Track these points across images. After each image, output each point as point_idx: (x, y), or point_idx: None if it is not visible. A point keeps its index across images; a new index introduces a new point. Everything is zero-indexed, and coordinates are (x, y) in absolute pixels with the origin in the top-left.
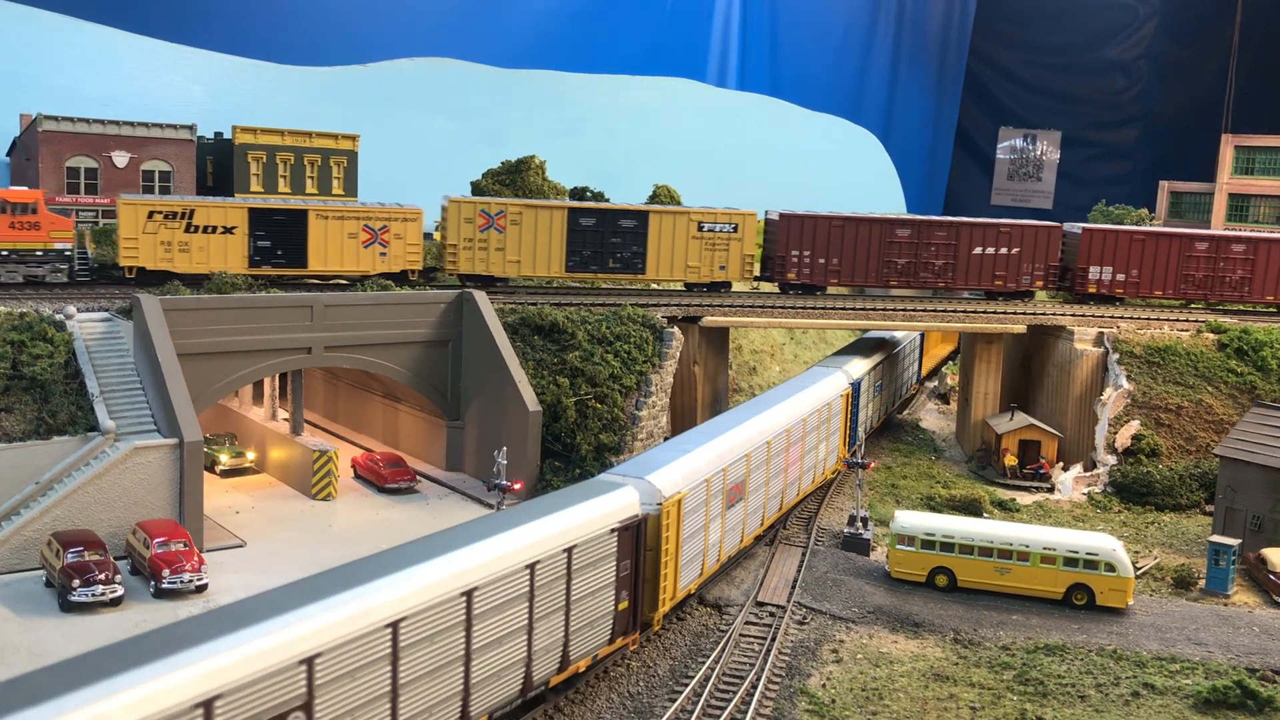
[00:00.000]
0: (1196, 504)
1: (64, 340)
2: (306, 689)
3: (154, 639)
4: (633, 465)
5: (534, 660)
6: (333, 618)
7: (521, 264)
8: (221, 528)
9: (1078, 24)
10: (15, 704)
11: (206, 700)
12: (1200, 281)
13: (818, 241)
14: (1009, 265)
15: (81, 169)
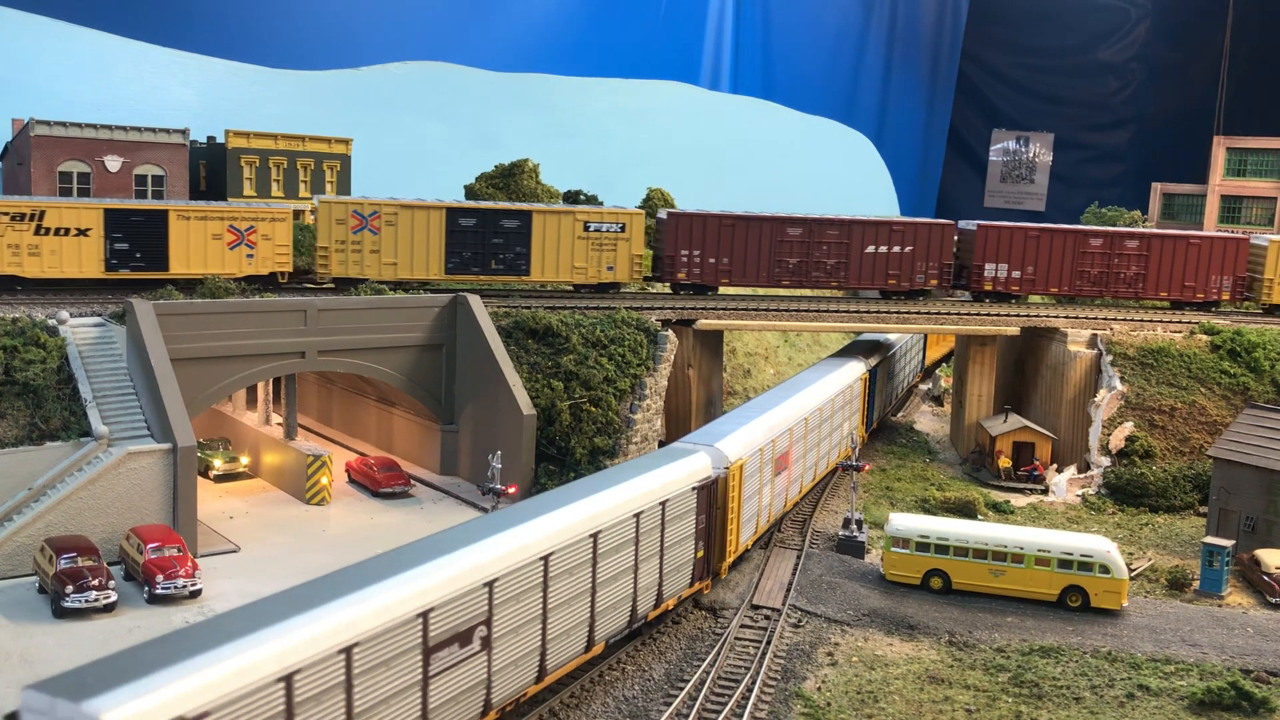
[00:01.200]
0: (1190, 505)
1: (57, 345)
2: (488, 607)
3: (383, 564)
4: (699, 436)
5: (639, 596)
6: (505, 549)
7: (398, 266)
8: (215, 533)
9: (1070, 26)
10: (244, 628)
11: (424, 611)
12: (1095, 278)
13: (708, 241)
14: (902, 264)
15: (74, 174)
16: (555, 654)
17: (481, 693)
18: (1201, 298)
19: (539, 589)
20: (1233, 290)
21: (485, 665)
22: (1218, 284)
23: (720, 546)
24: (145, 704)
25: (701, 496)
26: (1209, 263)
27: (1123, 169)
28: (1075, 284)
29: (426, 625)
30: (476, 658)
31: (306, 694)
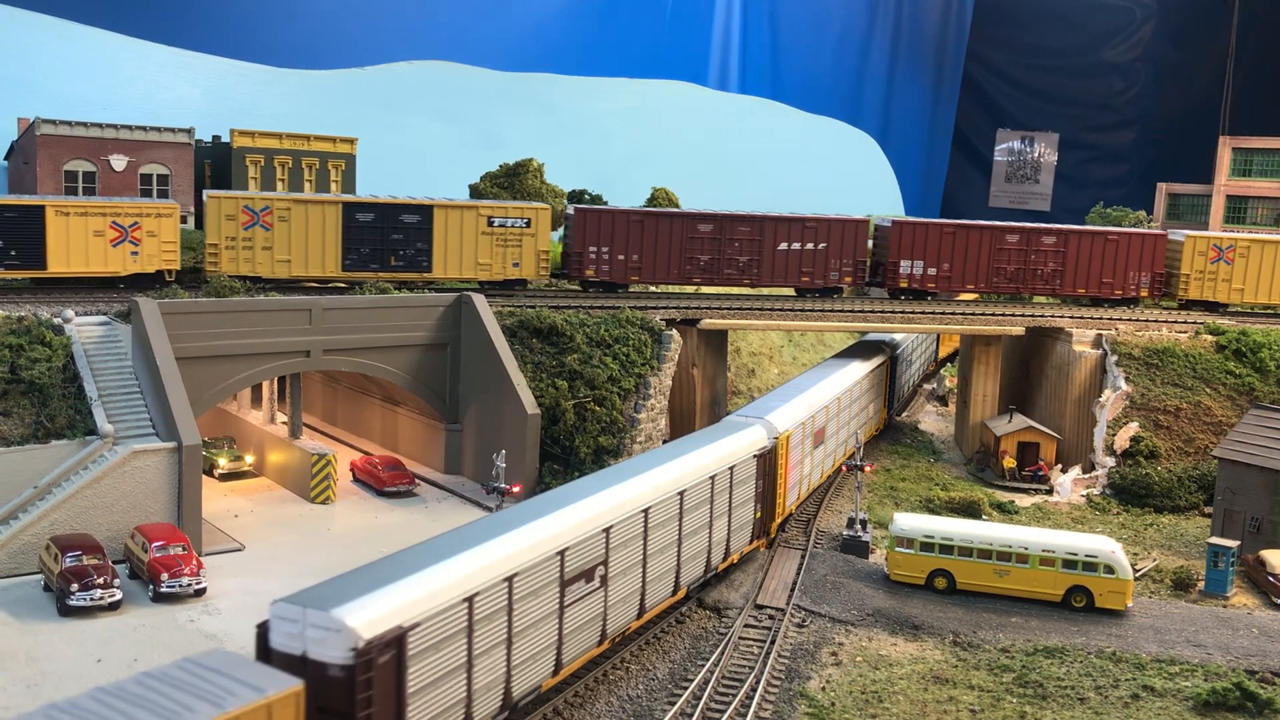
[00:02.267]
0: (1195, 506)
1: (62, 344)
2: (605, 550)
3: (526, 511)
4: (751, 409)
5: (712, 549)
6: (617, 500)
7: (292, 264)
8: (220, 531)
9: (1075, 26)
10: (434, 558)
11: (561, 550)
12: (1012, 274)
13: (616, 237)
14: (815, 261)
15: (80, 173)
16: (652, 595)
17: (599, 624)
18: (1120, 294)
19: (640, 537)
20: (1151, 286)
21: (602, 600)
22: (1136, 280)
23: (771, 510)
24: (373, 613)
25: (760, 463)
26: (1127, 259)
27: (1128, 169)
28: (992, 281)
29: (563, 562)
30: (596, 593)
31: (481, 613)
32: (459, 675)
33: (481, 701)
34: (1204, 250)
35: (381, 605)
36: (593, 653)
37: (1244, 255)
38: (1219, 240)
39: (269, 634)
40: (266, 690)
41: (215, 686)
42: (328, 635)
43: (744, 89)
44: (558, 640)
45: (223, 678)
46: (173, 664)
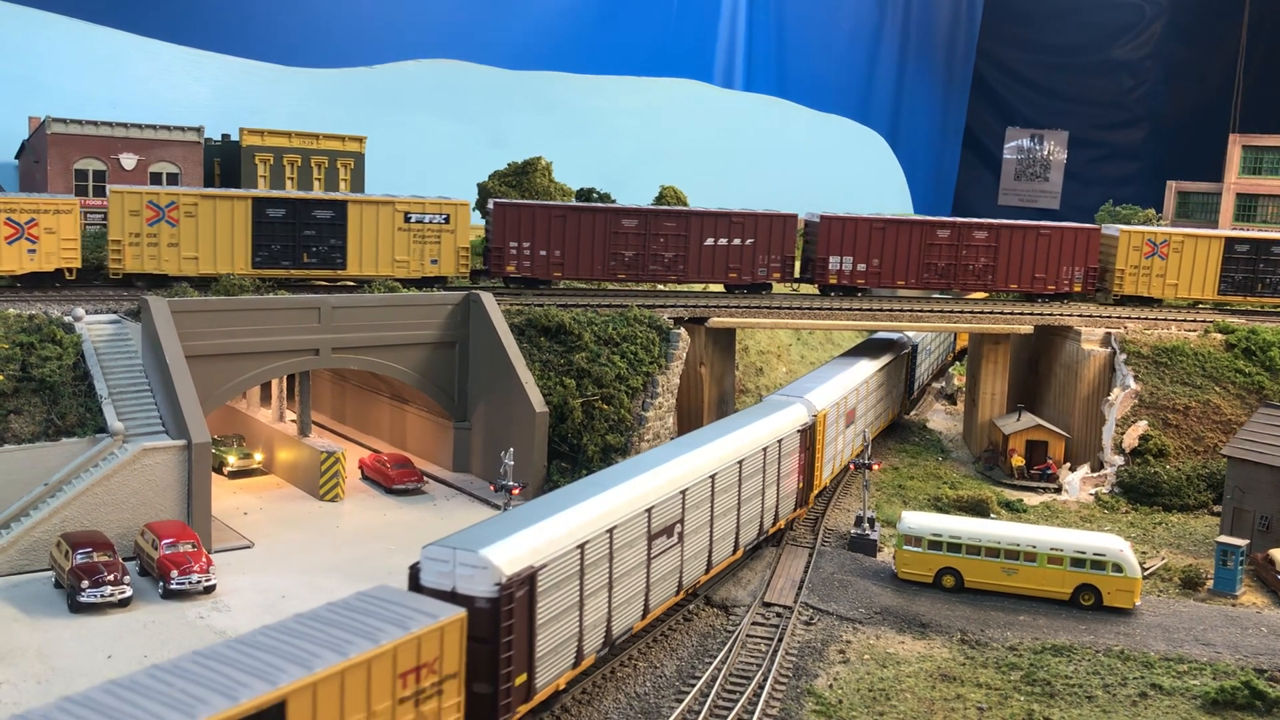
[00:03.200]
0: (1204, 504)
1: (73, 342)
2: (681, 509)
3: (620, 472)
4: (790, 390)
5: (764, 513)
6: (691, 466)
7: (200, 260)
8: (229, 529)
9: (1085, 24)
10: (550, 511)
11: (649, 507)
12: (943, 270)
13: (538, 233)
14: (743, 257)
15: (90, 171)
16: (717, 552)
17: (677, 575)
18: (1053, 289)
19: (709, 500)
20: (1084, 281)
21: (679, 554)
22: (1069, 275)
23: (810, 479)
24: (511, 554)
25: (802, 437)
26: (1060, 254)
27: (1138, 167)
28: (922, 277)
29: (650, 519)
30: (675, 548)
31: (590, 559)
32: (573, 612)
33: (590, 637)
34: (1139, 245)
35: (517, 548)
36: (671, 601)
37: (1178, 250)
38: (1153, 235)
39: (420, 573)
40: (439, 616)
41: (396, 613)
42: (476, 572)
43: (751, 87)
44: (646, 587)
45: (399, 606)
46: (351, 596)
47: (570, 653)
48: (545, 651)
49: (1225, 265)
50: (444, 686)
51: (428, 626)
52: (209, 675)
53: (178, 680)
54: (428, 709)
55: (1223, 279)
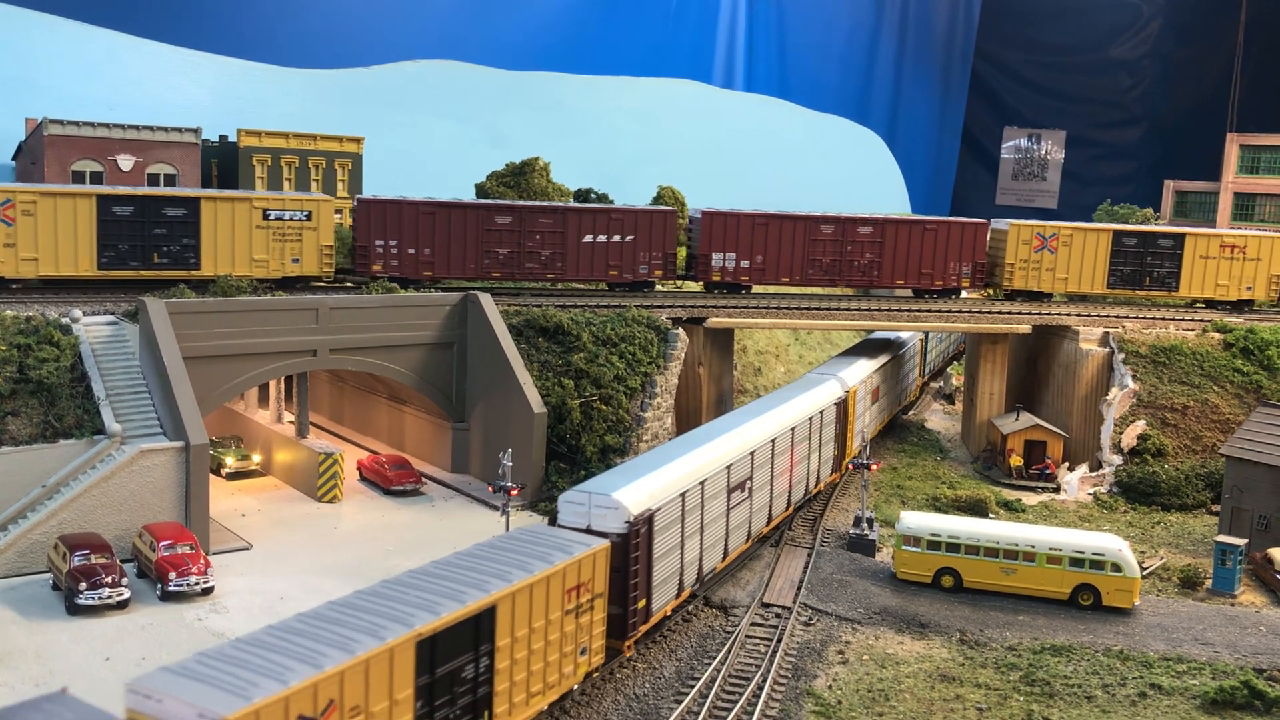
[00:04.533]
0: (1203, 504)
1: (70, 344)
2: (751, 467)
3: (705, 433)
4: (823, 370)
5: (809, 476)
6: (757, 432)
7: (40, 262)
8: (227, 530)
9: (1082, 24)
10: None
11: (729, 464)
12: (828, 266)
13: (405, 230)
14: (623, 254)
15: (87, 173)
16: (775, 507)
17: (747, 525)
18: (940, 285)
19: (770, 461)
20: (972, 276)
21: (749, 506)
22: (956, 270)
23: (844, 447)
24: (635, 498)
25: (837, 410)
26: (947, 249)
27: (1135, 166)
28: (807, 273)
29: (729, 474)
30: (746, 501)
31: (688, 506)
32: (677, 550)
33: (688, 572)
34: (1028, 239)
35: (639, 493)
36: (742, 547)
37: (1066, 244)
38: (1042, 229)
39: (558, 515)
40: (591, 545)
41: (557, 543)
42: (609, 512)
43: (750, 87)
44: (726, 533)
45: (556, 538)
46: (514, 530)
47: (674, 585)
48: (658, 581)
49: (1114, 259)
50: (595, 603)
51: (585, 552)
52: (436, 586)
53: (410, 591)
54: (584, 621)
55: (1111, 272)
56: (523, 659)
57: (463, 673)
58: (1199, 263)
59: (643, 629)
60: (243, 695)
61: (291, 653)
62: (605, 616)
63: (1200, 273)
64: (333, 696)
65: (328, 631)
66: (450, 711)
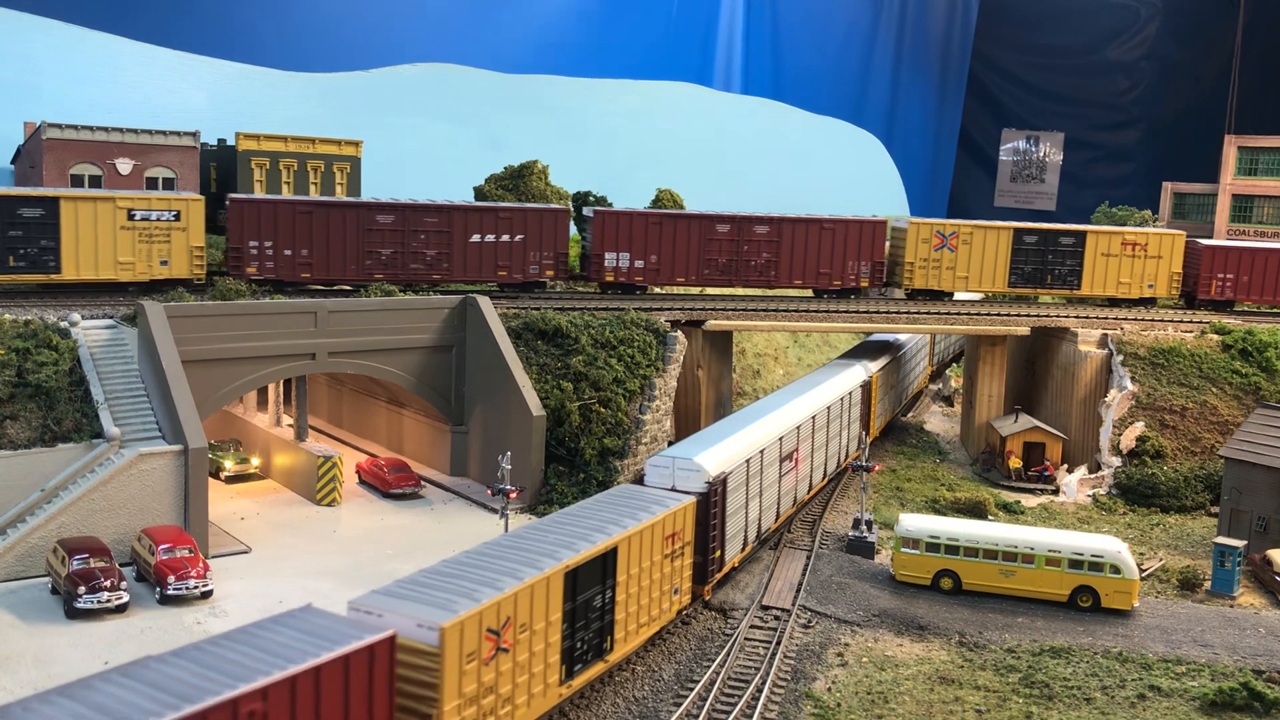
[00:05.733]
0: (1202, 505)
1: (69, 347)
2: (797, 440)
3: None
4: (846, 356)
5: (840, 450)
6: (803, 408)
7: None
8: (226, 534)
9: (1080, 26)
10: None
11: (781, 436)
12: (724, 266)
13: (281, 231)
14: (513, 254)
15: (85, 177)
16: (815, 477)
17: (794, 492)
18: (839, 284)
19: (811, 436)
20: (872, 276)
21: (796, 475)
22: (855, 270)
23: (868, 426)
24: (712, 461)
25: (862, 392)
26: (845, 248)
27: (1133, 168)
28: (703, 273)
29: (781, 445)
30: (793, 470)
31: (751, 471)
32: (742, 510)
33: (750, 530)
34: (928, 237)
35: (714, 459)
36: (789, 511)
37: (966, 242)
38: (942, 227)
39: (645, 476)
40: (681, 500)
41: (652, 498)
42: (691, 474)
43: (748, 90)
44: (778, 498)
45: (650, 494)
46: (613, 489)
47: (740, 540)
48: (729, 536)
49: (1014, 257)
50: (684, 550)
51: (678, 506)
52: (568, 530)
53: (547, 534)
54: (676, 565)
55: (1012, 270)
56: (634, 594)
57: (594, 601)
58: (1100, 260)
59: (718, 576)
60: (449, 609)
61: (474, 579)
62: (692, 563)
63: (1102, 271)
64: (510, 614)
65: (495, 564)
66: (585, 634)
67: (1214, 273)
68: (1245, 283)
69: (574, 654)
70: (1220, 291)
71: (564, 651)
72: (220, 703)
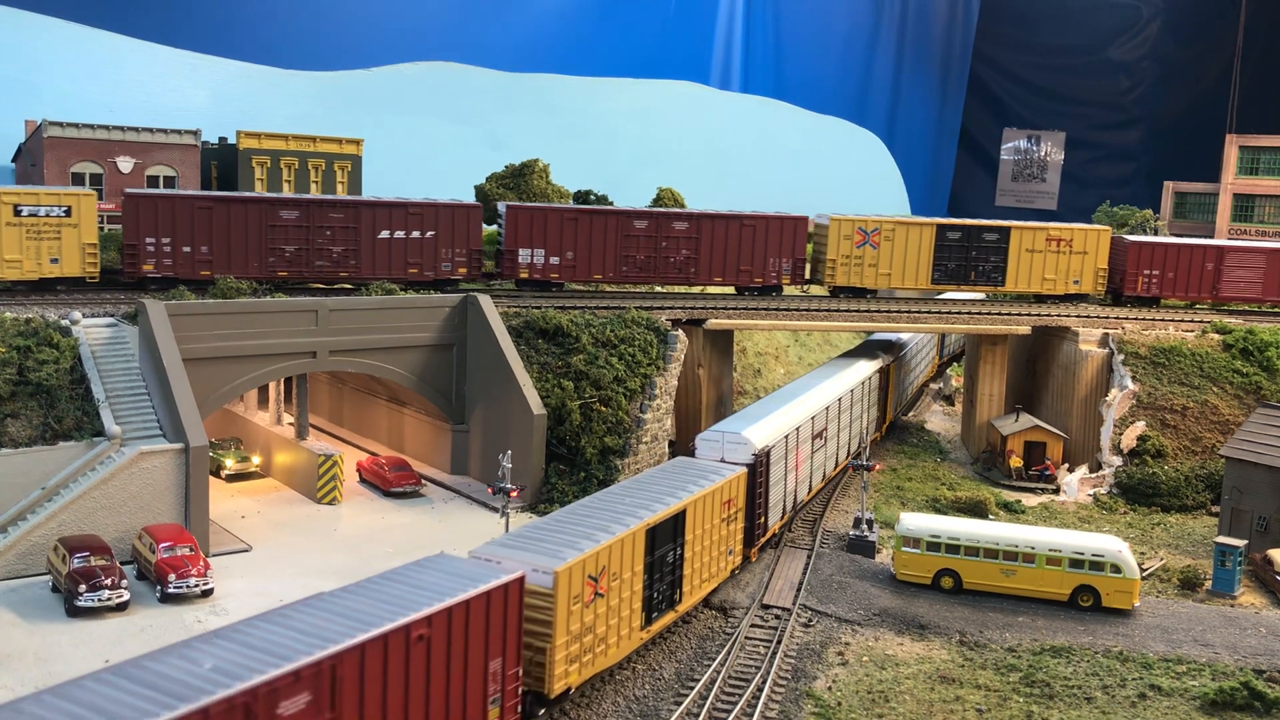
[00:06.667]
0: (1202, 505)
1: (70, 346)
2: (827, 420)
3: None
4: (862, 347)
5: (862, 432)
6: (832, 391)
7: None
8: (227, 532)
9: (1081, 25)
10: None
11: (813, 415)
12: (642, 263)
13: (180, 228)
14: (424, 251)
15: (86, 175)
16: (840, 455)
17: (824, 468)
18: (760, 282)
19: (838, 416)
20: (793, 273)
21: (825, 452)
22: (777, 267)
23: (886, 410)
24: (757, 436)
25: (881, 378)
26: (766, 244)
27: (1134, 168)
28: (620, 270)
29: (813, 424)
30: (823, 448)
31: (789, 447)
32: (781, 481)
33: (788, 500)
34: (850, 234)
35: (759, 433)
36: (819, 486)
37: (889, 238)
38: (864, 223)
39: (696, 450)
40: (734, 470)
41: (708, 468)
42: (739, 446)
43: (748, 89)
44: (810, 472)
45: (703, 465)
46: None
47: (780, 509)
48: (771, 504)
49: (938, 253)
50: (737, 515)
51: (732, 475)
52: (643, 495)
53: (624, 498)
54: (731, 528)
55: (935, 267)
56: (699, 552)
57: (667, 557)
58: (1025, 256)
59: (762, 540)
60: (558, 557)
61: (572, 533)
62: (742, 526)
63: (1026, 266)
64: (604, 564)
65: (587, 521)
66: (660, 586)
67: (1140, 269)
68: (1171, 279)
69: (652, 602)
70: (1146, 288)
71: (644, 600)
72: (395, 628)
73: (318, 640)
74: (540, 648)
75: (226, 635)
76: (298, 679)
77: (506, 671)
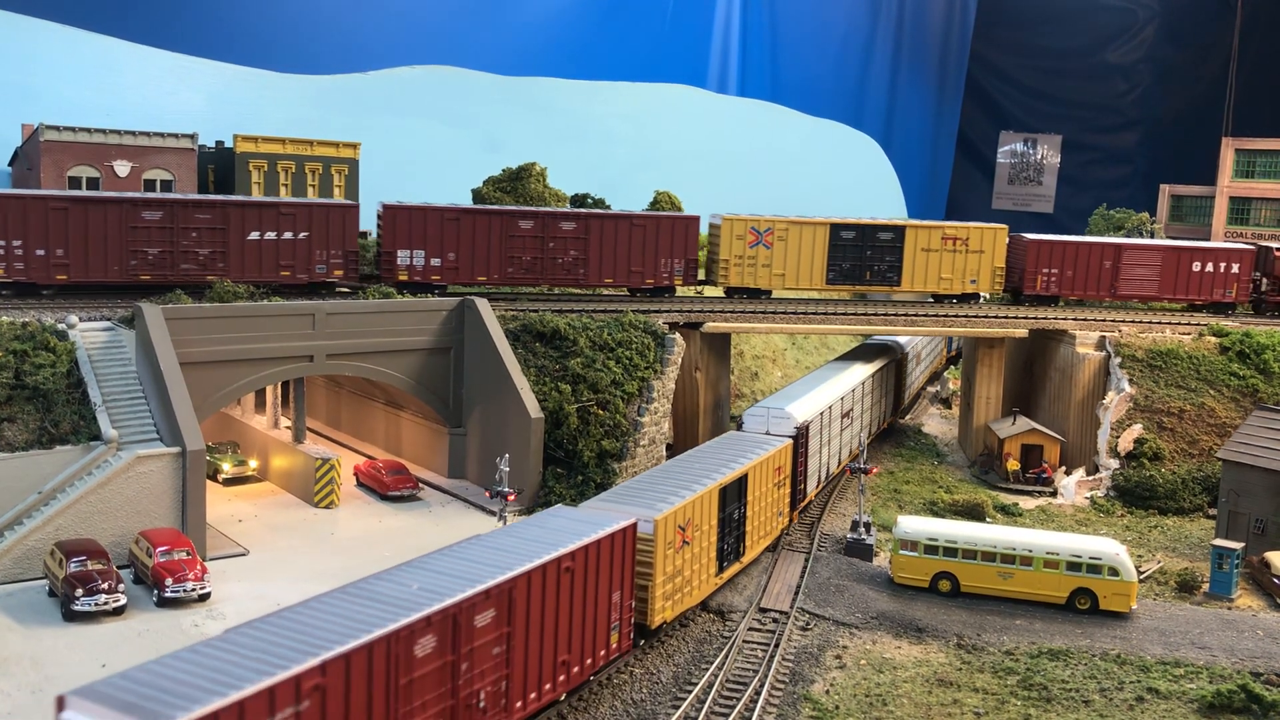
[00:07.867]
0: (1199, 508)
1: (66, 349)
2: (853, 402)
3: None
4: (878, 339)
5: (880, 415)
6: (856, 377)
7: None
8: (224, 536)
9: (1078, 28)
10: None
11: (842, 396)
12: (529, 265)
13: (32, 229)
14: (297, 252)
15: (83, 179)
16: (860, 436)
17: (850, 446)
18: (652, 283)
19: (861, 399)
20: (685, 273)
21: (850, 431)
22: (669, 268)
23: (899, 397)
24: (799, 411)
25: (890, 371)
26: (658, 245)
27: (1131, 170)
28: (506, 272)
29: (842, 404)
30: (849, 427)
31: (823, 423)
32: (817, 453)
33: (821, 472)
34: (742, 234)
35: (800, 410)
36: (846, 461)
37: (782, 238)
38: (757, 223)
39: (743, 424)
40: (781, 441)
41: (758, 440)
42: (783, 420)
43: (745, 92)
44: (839, 448)
45: (753, 437)
46: (723, 435)
47: (816, 479)
48: (810, 473)
49: (832, 253)
50: (784, 481)
51: (781, 445)
52: (711, 461)
53: (695, 464)
54: (780, 493)
55: (830, 268)
56: (757, 511)
57: (734, 515)
58: (920, 256)
59: (803, 504)
60: (656, 508)
61: (660, 491)
62: (789, 491)
63: (922, 266)
64: (689, 516)
65: (669, 482)
66: (728, 540)
67: (1039, 267)
68: (1070, 277)
69: (723, 553)
70: (1045, 286)
71: (718, 550)
72: (552, 559)
73: (498, 568)
74: (644, 585)
75: (424, 564)
76: (488, 597)
77: (624, 603)
